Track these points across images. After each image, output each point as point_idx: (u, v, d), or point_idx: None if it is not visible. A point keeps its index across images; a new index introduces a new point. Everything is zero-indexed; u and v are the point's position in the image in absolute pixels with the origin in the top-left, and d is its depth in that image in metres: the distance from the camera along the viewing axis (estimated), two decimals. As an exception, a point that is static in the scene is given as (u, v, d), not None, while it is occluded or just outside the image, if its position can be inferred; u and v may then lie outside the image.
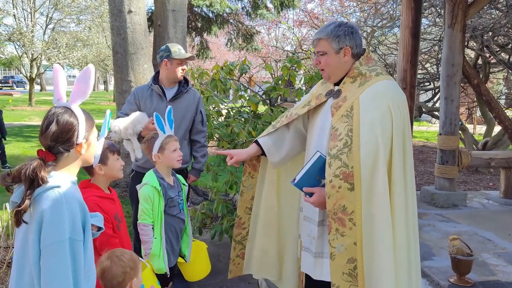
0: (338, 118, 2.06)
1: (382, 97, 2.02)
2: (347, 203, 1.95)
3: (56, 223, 1.44)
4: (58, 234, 1.44)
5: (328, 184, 1.99)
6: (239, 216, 2.55)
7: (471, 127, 13.27)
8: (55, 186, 1.49)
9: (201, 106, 3.44)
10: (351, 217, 1.96)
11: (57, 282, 1.44)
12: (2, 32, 21.87)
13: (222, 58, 19.37)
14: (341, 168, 1.97)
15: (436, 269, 3.14)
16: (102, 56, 26.71)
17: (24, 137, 12.02)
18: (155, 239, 2.64)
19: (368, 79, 2.07)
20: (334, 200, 1.97)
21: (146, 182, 2.65)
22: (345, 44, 2.07)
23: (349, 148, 1.98)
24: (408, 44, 4.57)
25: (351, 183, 1.95)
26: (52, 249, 1.44)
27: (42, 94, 33.13)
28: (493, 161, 5.29)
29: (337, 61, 2.09)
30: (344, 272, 1.98)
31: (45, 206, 1.45)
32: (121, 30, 6.15)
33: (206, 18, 12.03)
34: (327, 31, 2.08)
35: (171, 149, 2.70)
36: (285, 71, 4.14)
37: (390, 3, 9.66)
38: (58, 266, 1.44)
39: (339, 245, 1.98)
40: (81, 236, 1.51)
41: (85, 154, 1.61)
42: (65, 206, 1.46)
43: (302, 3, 14.97)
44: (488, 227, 4.17)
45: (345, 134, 2.00)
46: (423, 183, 7.37)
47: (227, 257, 4.05)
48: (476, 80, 5.55)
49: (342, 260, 1.98)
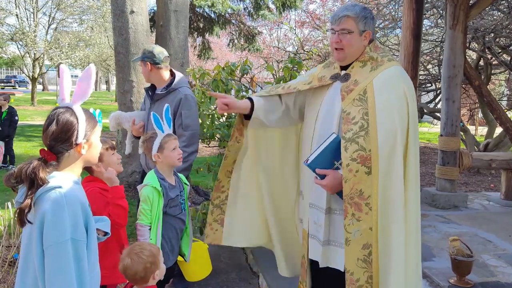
0: (350, 102, 2.03)
1: (397, 81, 2.02)
2: (364, 187, 1.93)
3: (57, 224, 1.45)
4: (59, 235, 1.45)
5: (345, 168, 1.95)
6: (219, 179, 2.50)
7: (472, 128, 13.27)
8: (57, 187, 1.50)
9: (183, 108, 3.20)
10: (367, 201, 1.94)
11: (60, 283, 1.45)
12: (5, 31, 21.92)
13: (224, 59, 19.37)
14: (358, 151, 1.94)
15: (436, 270, 3.15)
16: (104, 56, 26.75)
17: (26, 136, 12.05)
18: (150, 240, 2.62)
19: (380, 63, 2.06)
20: (351, 184, 1.95)
21: (146, 183, 2.65)
22: (369, 28, 2.07)
23: (366, 131, 1.95)
24: (409, 45, 4.57)
25: (369, 166, 1.93)
26: (54, 250, 1.45)
27: (44, 93, 33.20)
28: (494, 163, 5.29)
29: (358, 43, 2.07)
30: (359, 258, 1.96)
31: (46, 207, 1.46)
32: (123, 30, 6.17)
33: (208, 18, 12.05)
34: (355, 10, 2.05)
35: (170, 148, 2.67)
36: (287, 72, 4.15)
37: (392, 4, 9.66)
38: (60, 266, 1.45)
39: (354, 230, 1.96)
40: (83, 236, 1.52)
41: (86, 154, 1.62)
42: (66, 207, 1.47)
43: (304, 4, 14.96)
44: (489, 228, 4.18)
45: (360, 117, 1.97)
46: (424, 184, 7.37)
47: (228, 258, 4.07)
48: (478, 82, 5.55)
49: (357, 246, 1.97)
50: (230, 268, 3.84)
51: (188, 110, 3.22)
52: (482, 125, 14.18)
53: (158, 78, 3.29)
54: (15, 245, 3.51)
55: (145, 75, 3.34)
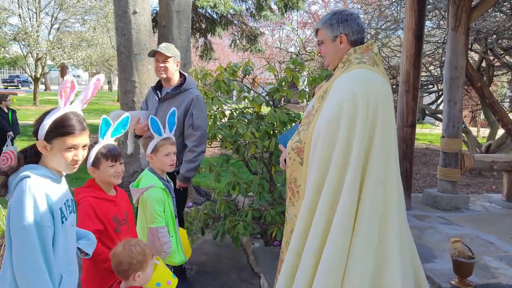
0: (316, 99, 2.20)
1: (348, 83, 2.03)
2: (298, 176, 2.13)
3: (19, 210, 1.53)
4: (22, 220, 1.53)
5: (287, 156, 2.18)
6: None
7: (474, 130, 13.24)
8: (25, 176, 1.59)
9: (195, 108, 3.24)
10: (298, 189, 2.13)
11: (26, 266, 1.52)
12: (8, 31, 21.96)
13: (226, 59, 19.38)
14: (297, 143, 2.14)
15: (438, 271, 3.15)
16: (106, 56, 26.75)
17: (28, 136, 12.08)
18: (172, 237, 2.68)
19: (350, 65, 2.11)
20: (290, 171, 2.17)
21: (151, 185, 2.67)
22: (339, 32, 2.16)
23: (308, 126, 2.13)
24: (411, 46, 4.58)
25: (302, 157, 2.11)
26: (19, 235, 1.53)
27: (46, 93, 33.26)
28: (496, 164, 5.29)
29: (333, 49, 2.19)
30: (288, 240, 2.14)
31: (12, 196, 1.58)
32: (125, 30, 6.18)
33: (210, 19, 12.06)
34: (323, 20, 2.21)
35: (164, 152, 2.69)
36: (289, 73, 4.15)
37: (394, 6, 9.66)
38: (25, 250, 1.52)
39: (290, 213, 2.19)
40: (49, 222, 1.59)
41: (49, 154, 1.67)
42: (29, 193, 1.55)
43: (306, 4, 14.96)
44: (490, 230, 4.17)
45: (313, 114, 2.15)
46: (425, 185, 7.36)
47: (229, 258, 4.08)
48: (480, 83, 5.55)
49: (288, 227, 2.18)
50: (231, 269, 3.85)
51: (199, 111, 3.27)
52: (484, 126, 14.15)
53: (174, 77, 3.35)
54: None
55: (171, 71, 3.30)
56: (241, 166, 4.35)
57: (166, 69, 3.28)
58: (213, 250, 4.27)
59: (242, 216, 3.80)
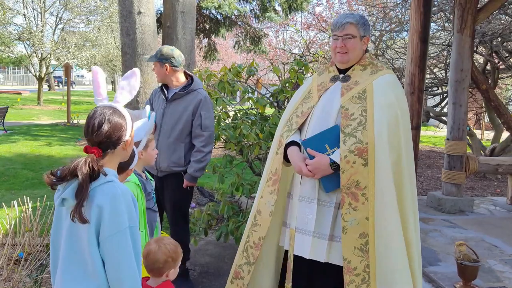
0: (349, 98, 2.20)
1: (393, 86, 2.23)
2: (361, 178, 2.06)
3: (116, 214, 1.55)
4: (119, 224, 1.55)
5: (343, 160, 2.09)
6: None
7: (479, 132, 13.19)
8: (109, 181, 1.59)
9: (203, 109, 3.27)
10: (364, 192, 2.06)
11: (125, 269, 1.55)
12: (12, 31, 22.05)
13: (230, 60, 19.40)
14: (356, 144, 2.09)
15: (442, 274, 3.13)
16: (110, 57, 26.82)
17: (32, 135, 12.10)
18: (141, 232, 2.67)
19: (380, 69, 2.28)
20: (348, 175, 2.08)
21: (126, 180, 2.70)
22: (368, 34, 2.28)
23: (363, 126, 2.10)
24: (416, 48, 4.56)
25: (365, 158, 2.07)
26: (116, 239, 1.54)
27: (50, 93, 33.37)
28: (501, 167, 5.26)
29: (359, 47, 2.27)
30: (356, 247, 2.06)
31: (103, 200, 1.55)
32: (130, 31, 6.18)
33: (214, 20, 12.07)
34: (356, 17, 2.25)
35: (152, 147, 2.76)
36: (293, 74, 4.15)
37: (399, 7, 9.65)
38: (123, 253, 1.55)
39: (351, 219, 2.08)
40: (137, 222, 1.64)
41: (126, 151, 1.71)
42: (121, 198, 1.57)
43: (310, 6, 14.96)
44: (495, 233, 4.15)
45: (359, 114, 2.14)
46: (430, 188, 7.33)
47: (232, 259, 4.05)
48: (485, 86, 5.53)
49: (354, 234, 2.07)
50: (234, 270, 3.83)
51: (207, 111, 3.30)
52: (488, 129, 14.10)
53: (173, 79, 3.34)
54: (21, 243, 3.53)
55: (160, 75, 3.35)
56: (245, 167, 4.34)
57: (157, 74, 3.36)
58: (216, 251, 4.26)
59: (246, 217, 3.79)
